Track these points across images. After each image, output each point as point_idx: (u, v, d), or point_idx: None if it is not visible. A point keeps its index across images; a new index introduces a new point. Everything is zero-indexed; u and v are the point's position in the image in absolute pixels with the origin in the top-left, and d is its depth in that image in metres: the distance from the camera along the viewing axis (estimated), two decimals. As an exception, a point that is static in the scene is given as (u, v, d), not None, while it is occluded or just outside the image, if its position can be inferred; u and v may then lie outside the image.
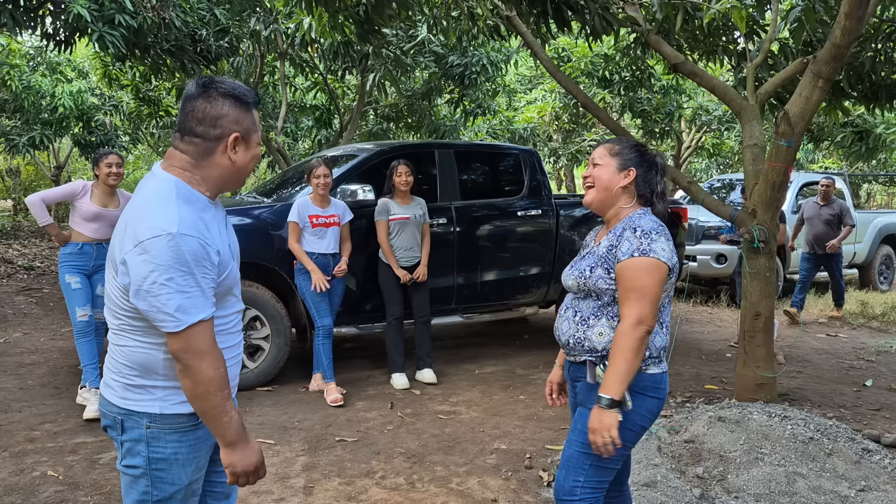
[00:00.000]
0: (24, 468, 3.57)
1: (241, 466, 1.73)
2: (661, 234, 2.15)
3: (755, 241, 4.62)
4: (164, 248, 1.59)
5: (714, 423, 3.84)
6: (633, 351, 2.06)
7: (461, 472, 3.65)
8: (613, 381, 2.06)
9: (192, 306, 1.63)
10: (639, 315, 2.06)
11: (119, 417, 1.75)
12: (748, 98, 4.99)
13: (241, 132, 1.74)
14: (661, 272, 2.10)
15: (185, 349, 1.63)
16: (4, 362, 5.64)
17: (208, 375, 1.65)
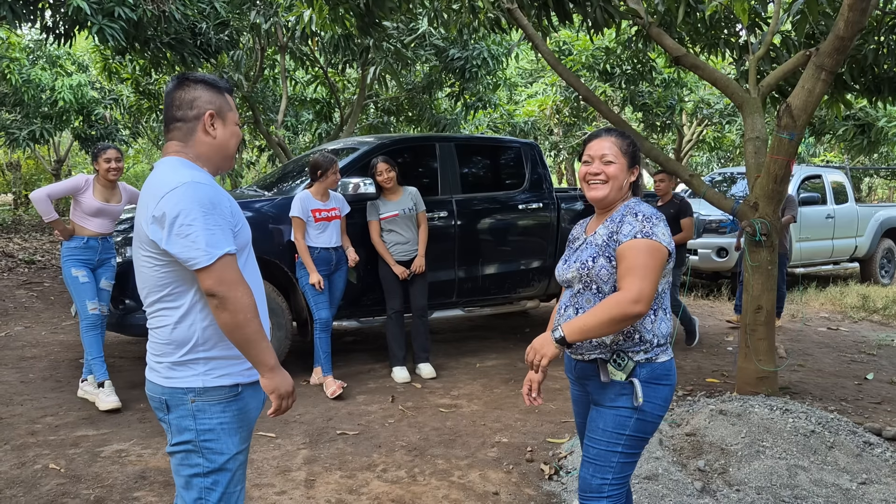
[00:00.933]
0: (26, 461, 3.58)
1: (284, 388, 1.87)
2: (660, 220, 2.19)
3: (757, 235, 4.61)
4: (182, 195, 1.77)
5: (715, 417, 3.84)
6: (612, 320, 2.06)
7: (462, 466, 3.66)
8: (575, 326, 2.10)
9: (218, 240, 1.77)
10: (639, 291, 2.06)
11: (163, 398, 1.87)
12: (750, 91, 4.96)
13: (214, 109, 1.93)
14: (662, 255, 2.12)
15: (218, 281, 1.76)
16: (6, 356, 5.64)
17: (244, 303, 1.78)
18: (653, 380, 2.18)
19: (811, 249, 9.86)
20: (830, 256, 10.26)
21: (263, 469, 3.55)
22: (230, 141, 1.98)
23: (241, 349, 1.82)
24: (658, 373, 2.18)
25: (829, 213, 10.06)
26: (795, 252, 9.48)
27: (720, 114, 11.80)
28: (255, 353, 1.82)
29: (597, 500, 2.21)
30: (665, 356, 2.21)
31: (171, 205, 1.76)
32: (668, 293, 2.26)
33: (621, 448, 2.19)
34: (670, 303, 2.41)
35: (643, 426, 2.17)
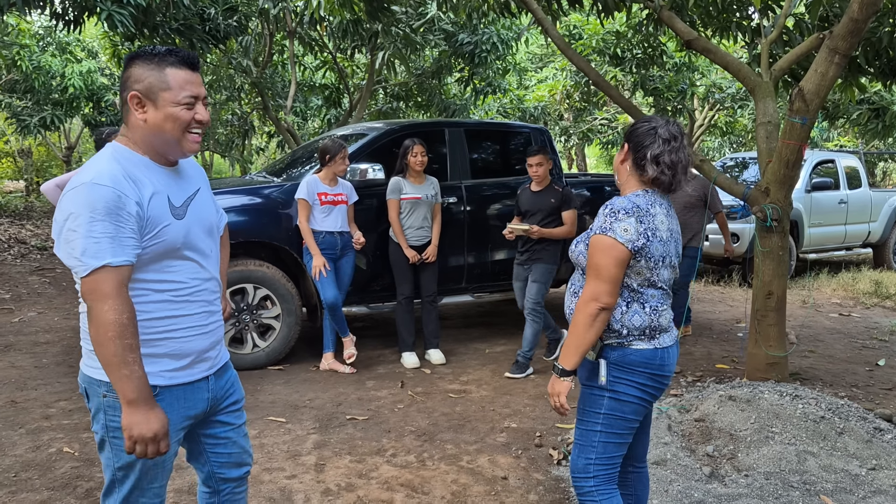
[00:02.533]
0: (41, 445, 3.62)
1: (138, 431, 1.67)
2: (630, 215, 2.13)
3: (768, 220, 4.59)
4: (76, 198, 1.64)
5: (725, 402, 3.84)
6: (583, 326, 2.13)
7: (471, 451, 3.67)
8: (566, 353, 2.17)
9: (98, 251, 1.64)
10: (593, 292, 2.13)
11: (83, 385, 1.82)
12: (762, 75, 4.92)
13: (140, 90, 1.74)
14: (617, 252, 2.10)
15: (89, 292, 1.64)
16: (20, 341, 5.70)
17: (108, 319, 1.63)
18: (625, 364, 2.20)
19: (823, 235, 9.79)
20: (843, 242, 10.18)
21: (274, 453, 3.58)
22: (165, 125, 1.75)
23: (104, 369, 1.67)
24: (631, 359, 2.20)
25: (842, 198, 9.97)
26: (807, 238, 9.42)
27: (732, 98, 11.69)
28: (112, 379, 1.65)
29: (584, 479, 2.27)
30: (643, 344, 2.20)
31: (63, 207, 1.66)
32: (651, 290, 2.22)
33: (600, 427, 2.23)
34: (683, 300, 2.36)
35: (619, 406, 2.21)
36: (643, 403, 2.25)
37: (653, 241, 2.15)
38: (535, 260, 5.02)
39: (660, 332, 2.24)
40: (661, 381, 2.26)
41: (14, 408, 4.17)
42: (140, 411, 1.66)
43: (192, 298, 1.85)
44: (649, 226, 2.15)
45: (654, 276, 2.19)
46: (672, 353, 2.28)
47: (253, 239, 5.00)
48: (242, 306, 4.94)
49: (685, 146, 2.26)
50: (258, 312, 5.00)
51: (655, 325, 2.22)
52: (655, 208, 2.19)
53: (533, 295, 4.95)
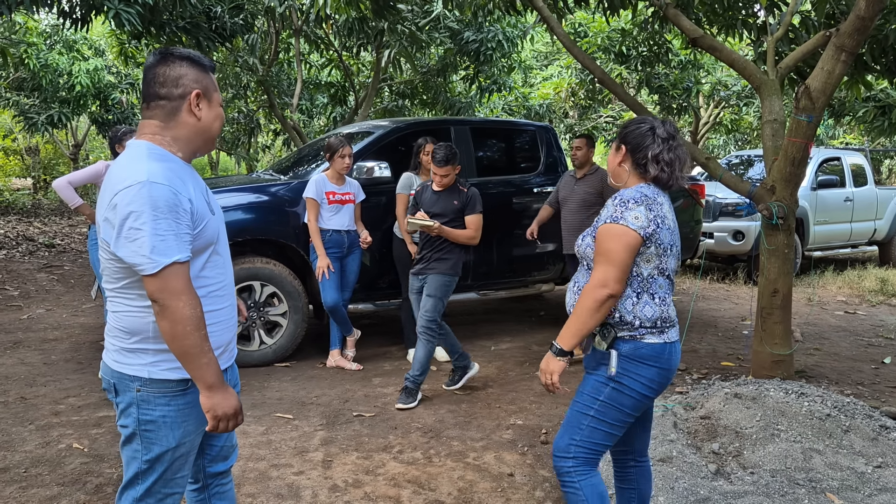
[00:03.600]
0: (51, 441, 3.66)
1: (222, 409, 1.78)
2: (639, 204, 2.20)
3: (774, 218, 4.59)
4: (135, 196, 1.67)
5: (730, 400, 3.85)
6: (588, 310, 2.19)
7: (478, 447, 3.69)
8: (565, 333, 2.23)
9: (167, 248, 1.69)
10: (602, 277, 2.17)
11: (112, 381, 1.85)
12: (768, 72, 4.91)
13: (201, 89, 1.83)
14: (629, 238, 2.16)
15: (161, 289, 1.68)
16: (29, 338, 5.74)
17: (185, 314, 1.70)
18: (636, 357, 2.24)
19: (829, 232, 9.77)
20: (848, 239, 10.17)
21: (281, 450, 3.61)
22: (214, 123, 1.88)
23: (180, 360, 1.76)
24: (643, 352, 2.23)
25: (848, 195, 9.95)
26: (812, 236, 9.40)
27: (737, 96, 11.66)
28: (192, 368, 1.75)
29: (563, 459, 2.31)
30: (654, 338, 2.24)
31: (122, 205, 1.68)
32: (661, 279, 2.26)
33: (593, 412, 2.27)
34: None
35: (618, 397, 2.25)
36: (644, 399, 2.28)
37: (662, 229, 2.21)
38: (431, 269, 4.42)
39: (669, 327, 2.28)
40: (667, 377, 2.28)
41: (24, 404, 4.21)
42: (220, 393, 1.77)
43: (222, 293, 1.93)
44: (658, 213, 2.21)
45: (663, 264, 2.24)
46: (678, 349, 2.32)
47: (260, 236, 5.03)
48: (250, 303, 4.97)
49: (681, 144, 2.34)
50: (265, 310, 5.03)
51: (665, 317, 2.26)
52: (661, 198, 2.27)
53: (428, 311, 4.34)
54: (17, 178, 21.68)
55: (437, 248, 4.44)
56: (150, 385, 1.81)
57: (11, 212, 14.97)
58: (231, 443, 2.16)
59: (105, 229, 1.73)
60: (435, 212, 4.42)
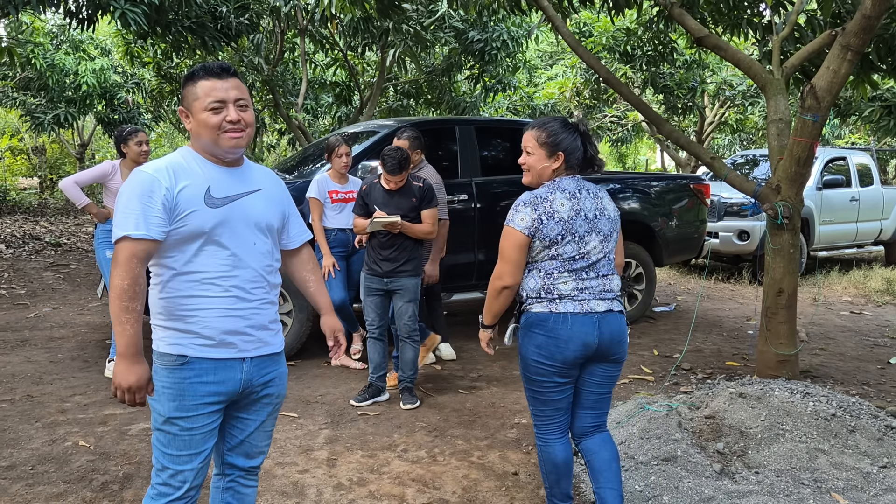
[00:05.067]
0: (57, 438, 3.67)
1: (119, 379, 1.92)
2: (527, 205, 2.53)
3: (779, 217, 4.58)
4: (127, 182, 1.97)
5: (735, 399, 3.84)
6: (490, 297, 2.66)
7: (482, 446, 3.70)
8: (486, 312, 2.72)
9: (126, 224, 1.90)
10: (498, 271, 2.60)
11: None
12: (773, 72, 4.91)
13: (184, 106, 2.06)
14: (515, 238, 2.54)
15: (113, 258, 1.91)
16: (35, 336, 5.77)
17: (114, 283, 1.89)
18: (526, 326, 2.61)
19: (834, 232, 9.75)
20: (854, 239, 10.14)
21: (286, 448, 3.62)
22: (201, 130, 2.01)
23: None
24: (530, 321, 2.59)
25: (854, 195, 9.92)
26: (818, 235, 9.38)
27: (743, 95, 11.64)
28: (115, 334, 1.91)
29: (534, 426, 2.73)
30: (540, 307, 2.56)
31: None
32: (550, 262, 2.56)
33: (525, 385, 2.69)
34: None
35: (525, 366, 2.63)
36: (540, 365, 2.56)
37: (547, 224, 2.51)
38: (400, 272, 4.21)
39: (560, 298, 2.54)
40: (557, 345, 2.52)
41: (30, 402, 4.23)
42: (124, 363, 1.91)
43: (219, 283, 2.02)
44: (544, 211, 2.51)
45: (553, 252, 2.54)
46: (574, 321, 2.52)
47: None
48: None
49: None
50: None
51: (549, 289, 2.56)
52: (555, 194, 2.54)
53: (410, 317, 4.26)
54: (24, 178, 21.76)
55: (403, 248, 4.21)
56: (158, 358, 2.01)
57: (18, 211, 15.04)
58: (255, 443, 2.20)
59: None
60: (393, 212, 4.18)
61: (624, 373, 5.05)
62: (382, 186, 4.26)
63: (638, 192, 6.67)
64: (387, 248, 4.21)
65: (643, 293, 6.66)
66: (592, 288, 2.57)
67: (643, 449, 3.42)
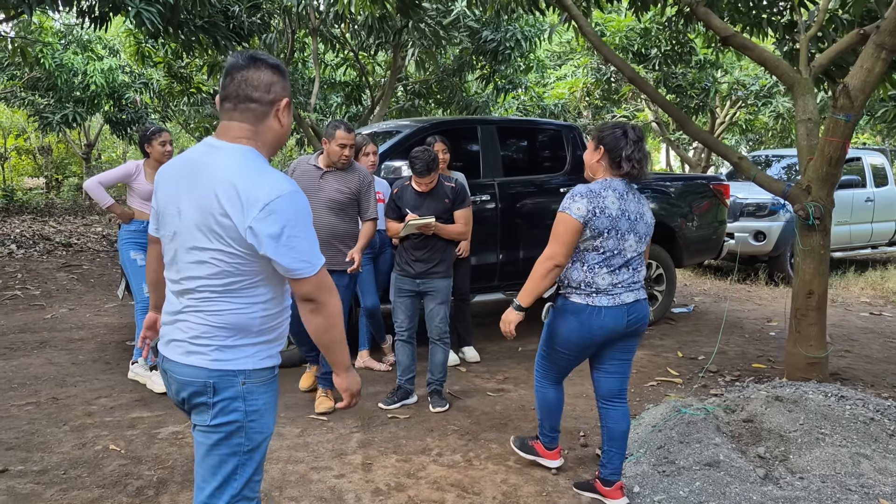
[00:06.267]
0: (86, 442, 3.63)
1: (356, 387, 2.03)
2: (584, 196, 2.80)
3: (810, 218, 4.53)
4: (290, 205, 1.77)
5: (771, 403, 3.79)
6: (539, 276, 2.85)
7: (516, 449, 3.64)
8: (523, 293, 2.92)
9: (317, 251, 1.85)
10: (551, 252, 2.82)
11: (211, 381, 1.85)
12: (801, 71, 4.86)
13: (288, 97, 1.92)
14: (570, 223, 2.77)
15: (318, 288, 1.84)
16: (54, 337, 5.72)
17: (338, 308, 1.89)
18: (562, 309, 2.93)
19: (849, 233, 9.69)
20: (869, 240, 10.08)
21: (319, 452, 3.57)
22: (289, 130, 1.97)
23: (326, 350, 1.93)
24: (568, 307, 2.91)
25: (869, 196, 9.87)
26: (832, 236, 9.31)
27: (755, 95, 11.59)
28: (336, 354, 1.94)
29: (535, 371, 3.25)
30: (578, 298, 2.87)
31: (278, 215, 1.74)
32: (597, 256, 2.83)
33: (542, 343, 3.10)
34: None
35: (551, 338, 3.01)
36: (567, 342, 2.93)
37: (599, 217, 2.77)
38: (432, 274, 4.14)
39: (597, 293, 2.84)
40: (589, 332, 2.87)
41: (56, 405, 4.18)
42: (352, 373, 2.02)
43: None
44: (598, 205, 2.78)
45: (598, 244, 2.81)
46: (606, 314, 2.84)
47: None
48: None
49: (646, 145, 2.95)
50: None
51: (589, 282, 2.84)
52: (607, 192, 2.82)
53: (442, 320, 4.22)
54: (29, 178, 21.71)
55: (435, 249, 4.15)
56: (254, 375, 1.89)
57: (26, 211, 15.00)
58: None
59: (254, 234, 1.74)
60: (426, 214, 4.10)
61: (650, 375, 5.00)
62: (413, 188, 4.20)
63: (658, 193, 6.62)
64: (419, 249, 4.15)
65: (664, 294, 6.61)
66: (624, 281, 2.87)
67: (683, 453, 3.37)
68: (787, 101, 11.77)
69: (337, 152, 4.03)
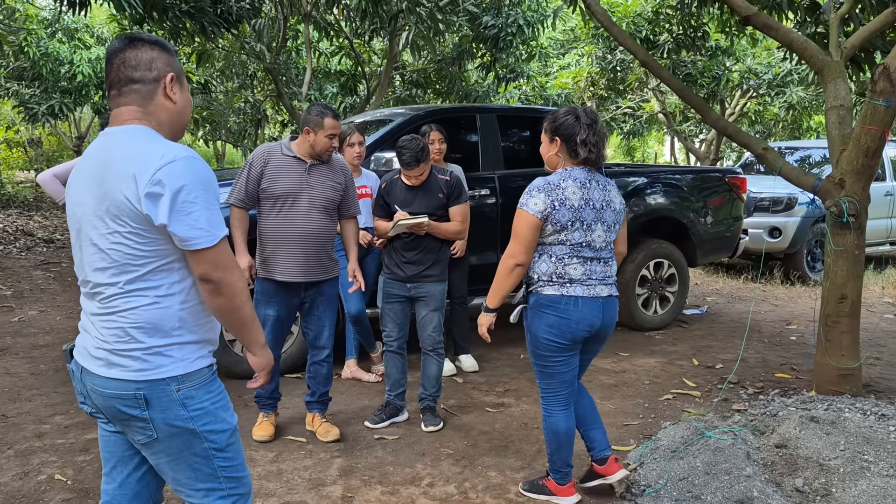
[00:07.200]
0: (30, 470, 3.20)
1: (270, 364, 1.92)
2: (541, 190, 2.69)
3: (844, 215, 4.09)
4: (184, 169, 1.64)
5: (806, 425, 3.36)
6: (502, 276, 2.77)
7: (518, 479, 3.22)
8: (490, 295, 2.83)
9: (219, 221, 1.69)
10: (510, 250, 2.74)
11: (140, 393, 1.69)
12: (831, 53, 4.42)
13: (174, 72, 1.78)
14: (528, 219, 2.68)
15: (215, 265, 1.68)
16: (17, 343, 5.29)
17: (240, 286, 1.74)
18: (536, 306, 2.79)
19: (868, 229, 9.22)
20: (888, 236, 9.63)
21: (294, 482, 3.14)
22: (187, 108, 1.84)
23: (238, 331, 1.81)
24: (541, 302, 2.77)
25: (889, 190, 9.41)
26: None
27: (768, 84, 11.11)
28: (251, 333, 1.82)
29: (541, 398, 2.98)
30: (551, 290, 2.74)
31: (172, 179, 1.61)
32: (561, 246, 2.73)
33: (533, 360, 2.89)
34: None
35: (534, 343, 2.83)
36: (551, 343, 2.76)
37: (559, 209, 2.67)
38: (425, 277, 3.71)
39: (570, 283, 2.74)
40: (568, 325, 2.73)
41: (4, 423, 3.75)
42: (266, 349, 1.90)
43: None
44: (556, 197, 2.67)
45: (562, 237, 2.72)
46: (583, 305, 2.73)
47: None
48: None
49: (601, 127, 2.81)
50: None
51: (561, 273, 2.74)
52: (567, 182, 2.71)
53: (436, 328, 3.77)
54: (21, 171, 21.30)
55: (428, 249, 3.71)
56: (187, 380, 1.73)
57: (13, 205, 14.57)
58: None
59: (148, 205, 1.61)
60: (418, 211, 3.67)
61: (665, 387, 4.57)
62: (403, 182, 3.74)
63: (669, 187, 6.17)
64: (410, 250, 3.70)
65: (676, 296, 6.16)
66: (597, 273, 2.79)
67: (711, 487, 2.94)
68: (800, 90, 11.30)
69: (325, 144, 3.46)
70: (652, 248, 5.94)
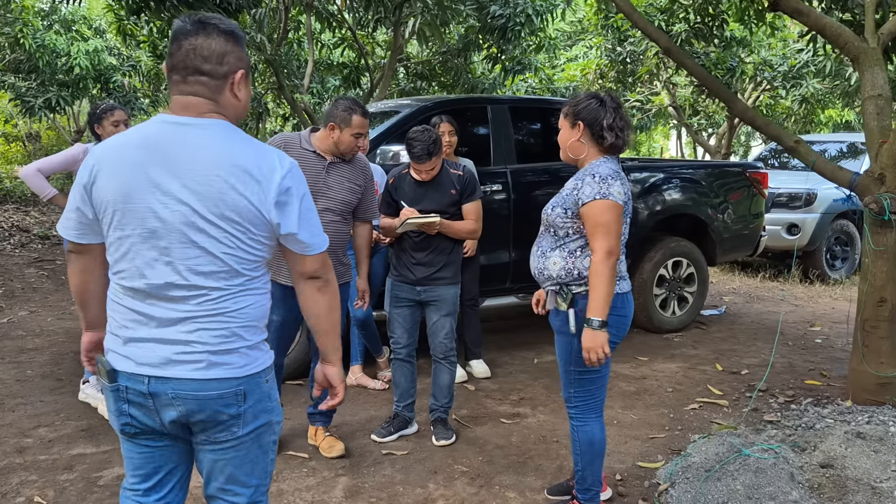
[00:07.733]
0: (8, 491, 2.94)
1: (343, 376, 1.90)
2: (616, 179, 2.53)
3: (885, 213, 3.81)
4: (301, 176, 1.68)
5: (852, 442, 3.09)
6: (609, 278, 2.46)
7: (540, 500, 2.95)
8: (597, 306, 2.45)
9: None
10: (608, 247, 2.47)
11: (241, 388, 1.67)
12: (867, 39, 4.14)
13: (244, 68, 1.70)
14: (618, 210, 2.50)
15: (324, 263, 1.75)
16: (4, 347, 5.03)
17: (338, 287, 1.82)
18: None
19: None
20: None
21: (295, 504, 2.88)
22: (248, 104, 1.75)
23: (328, 334, 1.81)
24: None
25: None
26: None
27: (784, 77, 10.79)
28: (335, 339, 1.83)
29: (569, 407, 2.73)
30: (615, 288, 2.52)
31: (297, 186, 1.65)
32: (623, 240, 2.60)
33: (573, 367, 2.63)
34: None
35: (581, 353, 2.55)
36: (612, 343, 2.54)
37: (629, 200, 2.60)
38: (437, 280, 3.45)
39: (620, 279, 2.59)
40: (625, 322, 2.63)
41: (-16, 436, 3.49)
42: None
43: None
44: (627, 186, 2.59)
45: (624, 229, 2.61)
46: (629, 299, 2.65)
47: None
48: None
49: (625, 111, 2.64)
50: (274, 319, 4.29)
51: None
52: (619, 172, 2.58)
53: (448, 334, 3.52)
54: (20, 166, 21.06)
55: (440, 250, 3.45)
56: (269, 371, 1.76)
57: (10, 200, 14.31)
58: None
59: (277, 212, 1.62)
60: (428, 208, 3.41)
61: (689, 395, 4.30)
62: (413, 178, 3.46)
63: (688, 182, 5.88)
64: (421, 251, 3.42)
65: (695, 296, 5.88)
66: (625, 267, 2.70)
67: (754, 514, 2.67)
68: (816, 83, 10.97)
69: (350, 143, 3.15)
70: (671, 247, 5.66)
